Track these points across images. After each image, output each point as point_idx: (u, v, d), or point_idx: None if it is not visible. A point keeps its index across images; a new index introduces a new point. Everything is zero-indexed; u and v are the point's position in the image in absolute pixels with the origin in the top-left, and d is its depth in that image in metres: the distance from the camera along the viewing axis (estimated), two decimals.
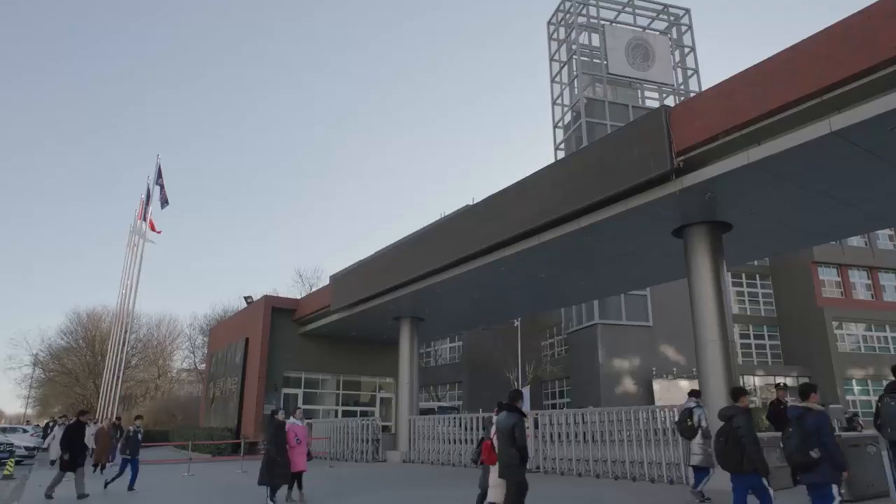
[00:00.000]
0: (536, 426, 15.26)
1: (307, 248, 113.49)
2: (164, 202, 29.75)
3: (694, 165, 10.70)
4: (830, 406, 13.34)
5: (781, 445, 6.33)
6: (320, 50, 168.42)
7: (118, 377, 28.32)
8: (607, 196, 11.90)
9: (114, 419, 25.16)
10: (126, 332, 29.71)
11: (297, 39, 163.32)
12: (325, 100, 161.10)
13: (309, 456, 11.29)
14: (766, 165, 9.93)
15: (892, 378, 8.69)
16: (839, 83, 8.41)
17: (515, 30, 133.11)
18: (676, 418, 10.27)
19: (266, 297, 26.83)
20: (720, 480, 10.57)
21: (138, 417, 14.49)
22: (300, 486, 10.62)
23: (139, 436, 13.47)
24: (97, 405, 32.21)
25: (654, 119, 11.21)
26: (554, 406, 39.61)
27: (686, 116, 10.72)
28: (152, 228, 29.62)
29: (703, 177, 10.60)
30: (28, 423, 46.20)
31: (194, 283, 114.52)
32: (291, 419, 10.82)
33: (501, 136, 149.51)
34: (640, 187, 11.39)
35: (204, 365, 43.07)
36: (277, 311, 26.35)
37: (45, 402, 60.59)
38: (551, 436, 14.85)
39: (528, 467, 14.71)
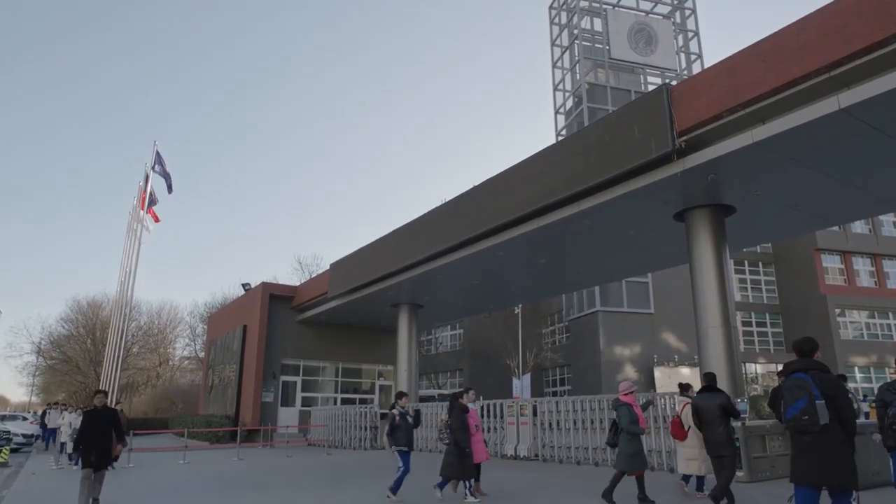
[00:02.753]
0: (535, 413, 15.09)
1: (308, 237, 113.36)
2: (169, 188, 29.74)
3: (696, 146, 10.39)
4: None
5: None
6: (321, 40, 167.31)
7: (118, 364, 28.20)
8: (607, 178, 11.58)
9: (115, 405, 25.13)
10: (125, 318, 29.53)
11: (298, 28, 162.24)
12: (326, 91, 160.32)
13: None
14: (772, 145, 9.62)
15: None
16: (848, 57, 8.07)
17: (515, 15, 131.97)
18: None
19: (263, 284, 26.59)
20: None
21: (402, 395, 9.74)
22: (478, 478, 9.20)
23: (408, 419, 9.39)
24: None
25: (655, 98, 10.87)
26: (555, 393, 39.50)
27: (688, 95, 10.38)
28: (155, 219, 29.44)
29: (705, 157, 10.29)
30: (29, 411, 46.29)
31: (195, 271, 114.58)
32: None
33: (503, 125, 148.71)
34: (641, 169, 11.08)
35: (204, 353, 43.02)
36: (275, 298, 26.14)
37: (46, 390, 60.72)
38: (550, 424, 14.67)
39: (527, 455, 14.66)
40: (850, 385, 36.23)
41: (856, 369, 37.51)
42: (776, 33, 9.10)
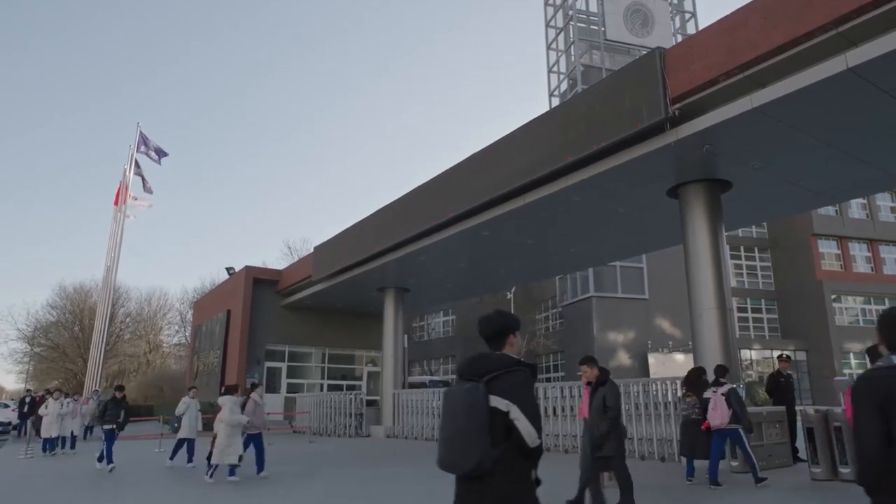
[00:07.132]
0: None
1: (300, 222, 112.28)
2: (162, 154, 29.35)
3: (691, 114, 9.68)
4: (836, 379, 12.51)
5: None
6: (313, 26, 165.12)
7: (102, 350, 27.61)
8: (596, 150, 10.86)
9: (96, 390, 24.67)
10: (111, 302, 28.89)
11: (290, 15, 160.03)
12: (319, 76, 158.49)
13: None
14: (772, 111, 8.91)
15: None
16: (858, 11, 7.36)
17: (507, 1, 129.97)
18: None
19: (247, 268, 25.85)
20: None
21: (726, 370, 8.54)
22: None
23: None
24: (85, 379, 31.67)
25: (647, 63, 10.14)
26: (548, 380, 39.01)
27: (683, 59, 9.65)
28: (143, 190, 29.08)
29: (700, 126, 9.58)
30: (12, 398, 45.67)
31: (185, 257, 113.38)
32: None
33: (497, 109, 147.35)
34: (632, 139, 10.37)
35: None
36: (259, 282, 25.43)
37: (37, 378, 60.07)
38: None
39: None
40: (846, 372, 35.89)
41: (851, 355, 37.12)
42: None
